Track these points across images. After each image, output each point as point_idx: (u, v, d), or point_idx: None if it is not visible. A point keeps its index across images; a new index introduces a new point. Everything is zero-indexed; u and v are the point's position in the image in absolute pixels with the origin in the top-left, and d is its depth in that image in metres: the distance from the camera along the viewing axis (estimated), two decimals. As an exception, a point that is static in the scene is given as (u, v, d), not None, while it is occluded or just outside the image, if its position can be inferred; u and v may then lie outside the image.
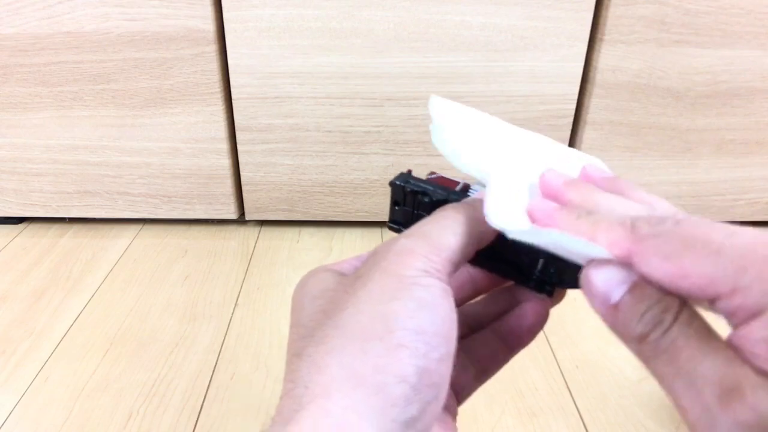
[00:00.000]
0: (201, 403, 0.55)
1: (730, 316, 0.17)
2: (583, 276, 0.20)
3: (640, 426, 0.54)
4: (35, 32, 0.71)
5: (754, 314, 0.17)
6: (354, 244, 0.82)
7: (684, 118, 0.77)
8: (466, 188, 0.27)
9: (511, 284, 0.27)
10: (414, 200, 0.27)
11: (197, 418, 0.54)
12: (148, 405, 0.55)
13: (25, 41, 0.72)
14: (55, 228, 0.85)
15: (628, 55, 0.73)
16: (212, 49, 0.72)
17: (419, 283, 0.20)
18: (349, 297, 0.21)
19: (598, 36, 0.72)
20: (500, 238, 0.22)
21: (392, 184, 0.27)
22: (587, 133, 0.77)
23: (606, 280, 0.19)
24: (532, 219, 0.22)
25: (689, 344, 0.17)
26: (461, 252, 0.22)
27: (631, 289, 0.19)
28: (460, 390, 0.26)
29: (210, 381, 0.58)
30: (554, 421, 0.54)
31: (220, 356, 0.61)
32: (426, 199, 0.26)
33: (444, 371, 0.20)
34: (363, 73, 0.73)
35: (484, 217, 0.22)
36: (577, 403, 0.56)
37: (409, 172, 0.28)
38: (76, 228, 0.85)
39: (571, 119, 0.77)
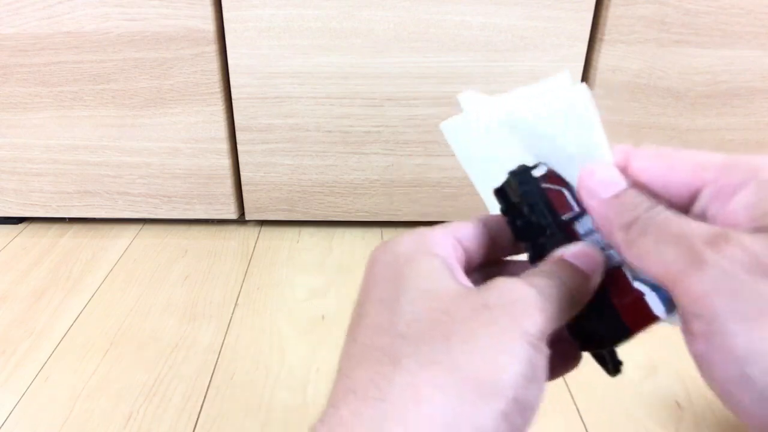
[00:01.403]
0: (201, 403, 0.55)
1: (712, 200, 0.20)
2: (586, 170, 0.21)
3: (640, 426, 0.54)
4: (35, 32, 0.71)
5: (738, 187, 0.19)
6: (354, 244, 0.82)
7: (684, 118, 0.77)
8: (575, 217, 0.24)
9: None
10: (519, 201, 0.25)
11: (197, 418, 0.54)
12: (148, 405, 0.55)
13: (25, 41, 0.72)
14: (55, 228, 0.85)
15: (628, 55, 0.73)
16: (212, 49, 0.72)
17: (538, 347, 0.19)
18: (470, 327, 0.19)
19: (598, 36, 0.72)
20: None
21: (512, 178, 0.25)
22: (587, 133, 0.77)
23: (610, 174, 0.21)
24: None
25: (679, 217, 0.19)
26: (561, 323, 0.21)
27: (630, 186, 0.21)
28: None
29: (210, 381, 0.58)
30: (554, 421, 0.54)
31: (220, 356, 0.61)
32: (524, 219, 0.24)
33: None
34: (363, 73, 0.73)
35: (586, 294, 0.22)
36: (577, 403, 0.56)
37: (532, 168, 0.25)
38: (76, 228, 0.85)
39: (571, 119, 0.77)
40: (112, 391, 0.57)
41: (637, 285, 0.22)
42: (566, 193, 0.24)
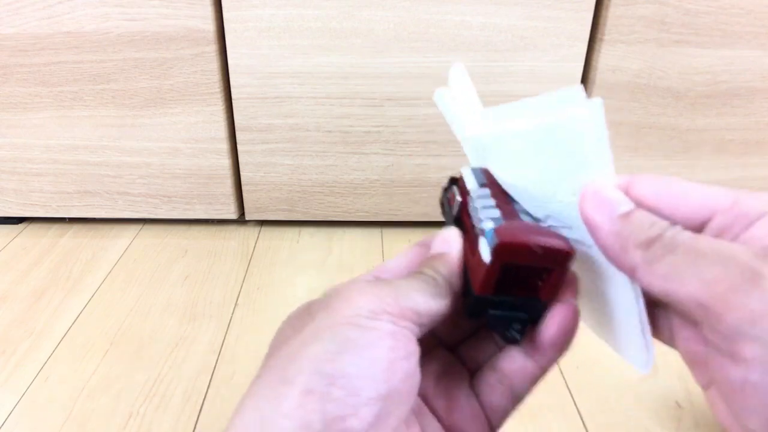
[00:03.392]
0: (201, 403, 0.56)
1: (726, 229, 0.18)
2: (589, 189, 0.20)
3: (640, 426, 0.54)
4: (35, 32, 0.71)
5: (756, 218, 0.17)
6: (354, 244, 0.82)
7: (684, 118, 0.77)
8: (461, 210, 0.26)
9: None
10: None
11: (197, 418, 0.54)
12: (148, 405, 0.55)
13: (25, 41, 0.72)
14: (55, 228, 0.85)
15: (628, 55, 0.73)
16: (212, 49, 0.72)
17: (356, 324, 0.19)
18: (289, 335, 0.21)
19: (598, 36, 0.72)
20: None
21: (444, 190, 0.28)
22: (587, 133, 0.77)
23: (617, 195, 0.19)
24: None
25: (707, 237, 0.18)
26: (428, 308, 0.21)
27: (638, 207, 0.19)
28: (492, 413, 0.25)
29: (210, 381, 0.58)
30: (554, 421, 0.54)
31: (220, 356, 0.61)
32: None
33: (368, 415, 0.18)
34: (363, 73, 0.73)
35: (448, 269, 0.23)
36: (577, 403, 0.56)
37: (454, 180, 0.28)
38: (76, 228, 0.85)
39: (571, 119, 0.77)
40: (112, 391, 0.57)
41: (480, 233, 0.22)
42: (454, 189, 0.26)
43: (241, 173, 0.81)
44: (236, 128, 0.77)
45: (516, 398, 0.25)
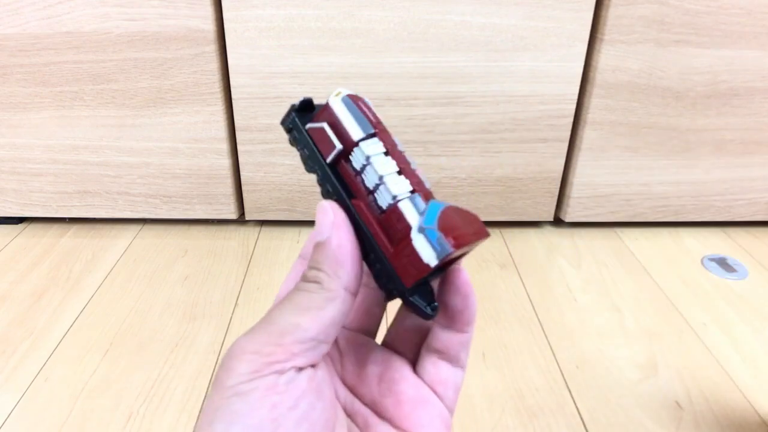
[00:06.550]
0: (201, 403, 0.56)
1: None
2: None
3: (640, 426, 0.54)
4: (35, 32, 0.71)
5: None
6: (354, 244, 0.82)
7: (684, 118, 0.77)
8: (339, 158, 0.22)
9: None
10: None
11: (197, 419, 0.54)
12: (148, 405, 0.55)
13: (25, 41, 0.72)
14: (55, 228, 0.85)
15: (628, 55, 0.73)
16: (212, 49, 0.72)
17: (238, 392, 0.19)
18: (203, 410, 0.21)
19: (598, 36, 0.72)
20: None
21: (286, 122, 0.25)
22: (587, 133, 0.77)
23: None
24: None
25: None
26: (320, 323, 0.21)
27: None
28: (445, 391, 0.25)
29: (210, 381, 0.58)
30: (554, 421, 0.54)
31: (220, 356, 0.61)
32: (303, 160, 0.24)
33: None
34: (363, 73, 0.73)
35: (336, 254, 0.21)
36: (577, 403, 0.56)
37: (307, 104, 0.24)
38: (76, 228, 0.85)
39: (571, 119, 0.77)
40: (112, 391, 0.57)
41: (414, 223, 0.20)
42: (327, 129, 0.23)
43: (241, 173, 0.81)
44: (236, 128, 0.77)
45: (462, 368, 0.25)
